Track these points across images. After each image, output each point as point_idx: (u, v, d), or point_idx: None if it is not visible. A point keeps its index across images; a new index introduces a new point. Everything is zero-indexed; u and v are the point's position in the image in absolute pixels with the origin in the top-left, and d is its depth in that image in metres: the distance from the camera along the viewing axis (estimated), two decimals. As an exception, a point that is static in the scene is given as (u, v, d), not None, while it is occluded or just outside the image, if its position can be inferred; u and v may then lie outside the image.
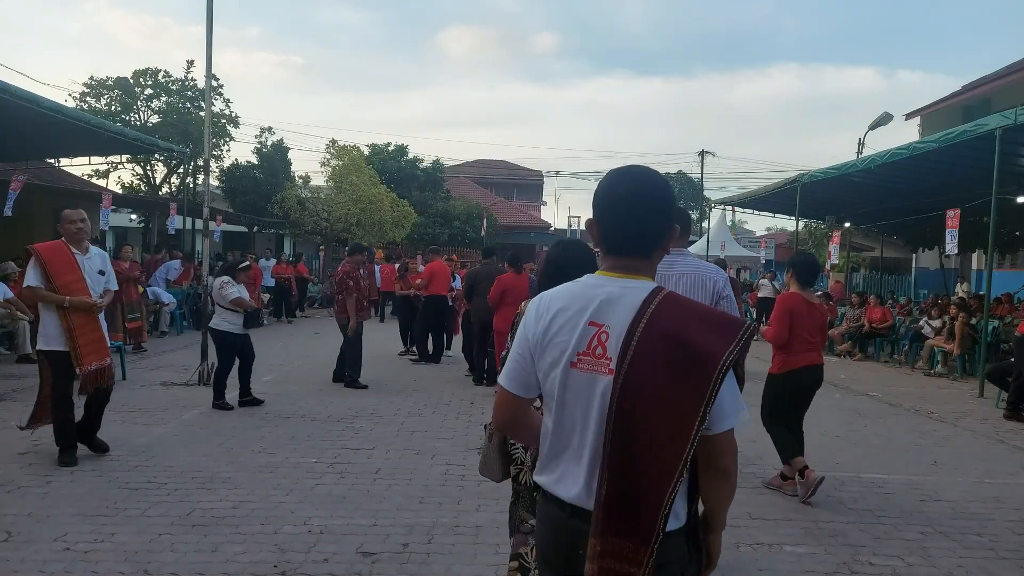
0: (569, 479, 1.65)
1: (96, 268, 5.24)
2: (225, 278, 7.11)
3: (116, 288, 5.56)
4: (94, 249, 5.34)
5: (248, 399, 7.10)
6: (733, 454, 1.61)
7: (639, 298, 1.61)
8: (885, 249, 23.65)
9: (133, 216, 24.18)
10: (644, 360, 1.54)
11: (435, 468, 5.24)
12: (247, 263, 7.72)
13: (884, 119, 24.84)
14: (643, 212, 1.67)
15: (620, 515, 1.54)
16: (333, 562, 3.59)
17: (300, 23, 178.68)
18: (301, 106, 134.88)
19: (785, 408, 4.89)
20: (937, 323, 12.27)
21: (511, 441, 2.56)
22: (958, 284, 21.17)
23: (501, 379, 1.79)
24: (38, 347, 5.08)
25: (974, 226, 14.97)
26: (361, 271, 8.55)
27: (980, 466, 5.94)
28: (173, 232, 15.45)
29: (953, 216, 10.08)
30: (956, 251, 10.78)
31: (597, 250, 1.82)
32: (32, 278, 4.92)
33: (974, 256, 21.58)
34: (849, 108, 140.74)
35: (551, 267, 2.58)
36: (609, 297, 1.63)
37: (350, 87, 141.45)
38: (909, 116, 25.44)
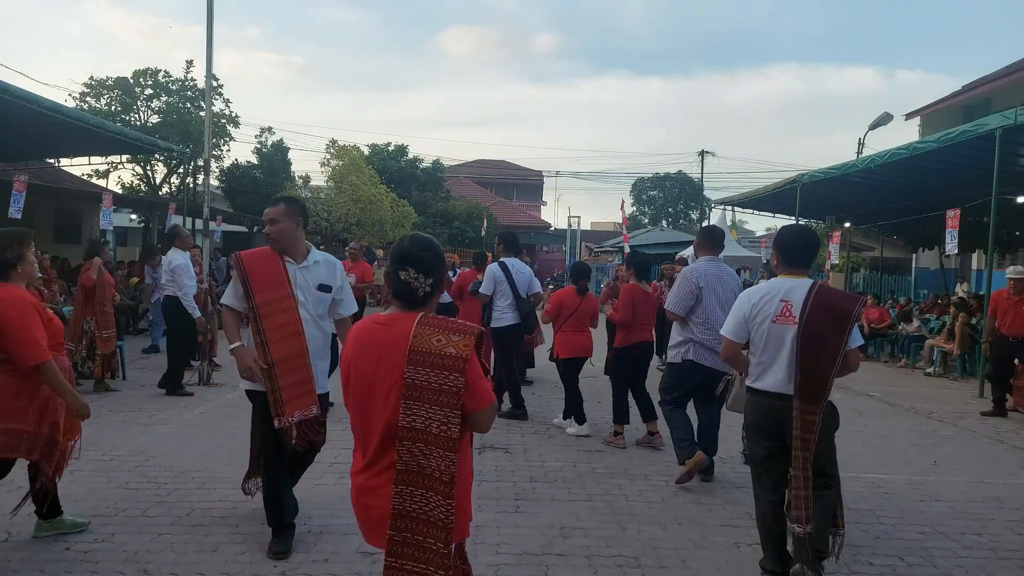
0: (773, 380, 3.43)
1: (316, 282, 3.79)
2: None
3: (352, 312, 4.03)
4: (319, 255, 3.89)
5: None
6: (857, 358, 3.43)
7: (807, 286, 3.41)
8: (885, 249, 23.65)
9: (133, 216, 24.17)
10: (814, 315, 3.32)
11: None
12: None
13: (884, 119, 24.84)
14: (811, 250, 3.60)
15: (808, 392, 3.31)
16: (333, 562, 3.59)
17: (300, 23, 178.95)
18: (301, 106, 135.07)
19: (628, 374, 6.10)
20: (912, 327, 12.31)
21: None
22: (958, 284, 21.16)
23: (726, 332, 3.60)
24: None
25: (974, 226, 14.98)
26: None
27: (980, 466, 5.94)
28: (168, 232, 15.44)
29: (953, 216, 10.08)
30: (956, 251, 10.78)
31: (774, 265, 3.69)
32: (228, 295, 3.79)
33: (974, 256, 21.58)
34: (848, 108, 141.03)
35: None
36: (792, 287, 3.45)
37: (350, 87, 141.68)
38: (909, 116, 25.44)
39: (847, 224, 19.18)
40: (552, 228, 39.73)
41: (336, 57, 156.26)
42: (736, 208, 22.30)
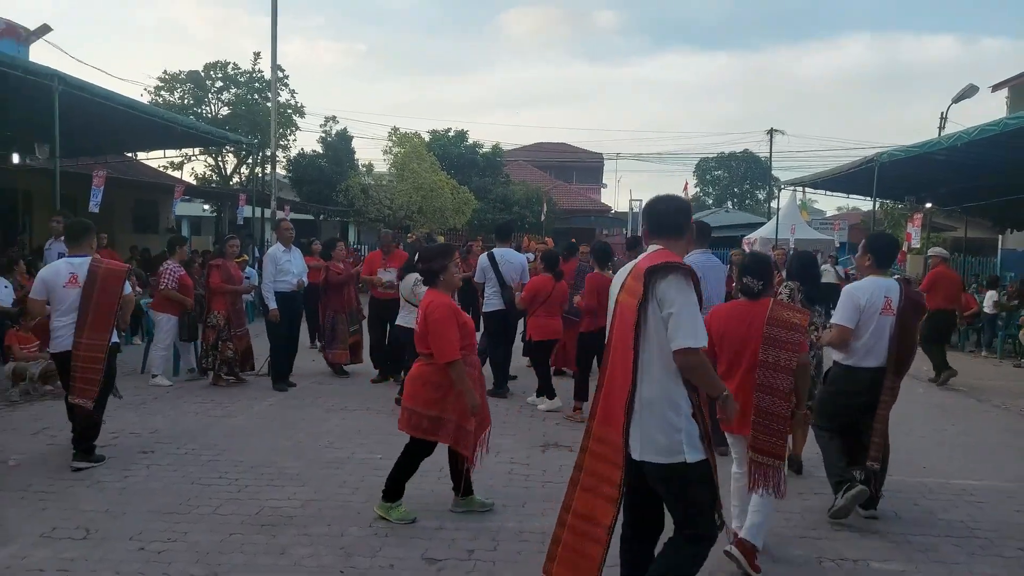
0: (873, 359, 4.23)
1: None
2: (417, 276, 7.06)
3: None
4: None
5: None
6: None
7: (898, 286, 4.28)
8: (968, 229, 22.33)
9: (206, 206, 24.99)
10: (904, 307, 4.20)
11: (499, 466, 5.18)
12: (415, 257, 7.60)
13: (969, 91, 23.26)
14: (896, 254, 4.88)
15: (899, 367, 4.26)
16: (399, 568, 3.57)
17: (362, 9, 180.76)
18: (365, 92, 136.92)
19: (592, 357, 6.49)
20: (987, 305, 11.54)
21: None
22: (1050, 266, 19.84)
23: (844, 321, 4.23)
24: None
25: None
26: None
27: (1084, 473, 5.50)
28: (242, 222, 15.87)
29: (1052, 197, 9.35)
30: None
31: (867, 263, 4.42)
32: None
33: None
34: (926, 79, 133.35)
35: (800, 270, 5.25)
36: (889, 286, 4.27)
37: (412, 71, 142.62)
38: (996, 88, 23.94)
39: (928, 204, 18.13)
40: (612, 211, 39.15)
41: (398, 42, 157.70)
42: (807, 189, 21.42)
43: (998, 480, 5.24)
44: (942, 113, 24.62)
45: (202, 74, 23.78)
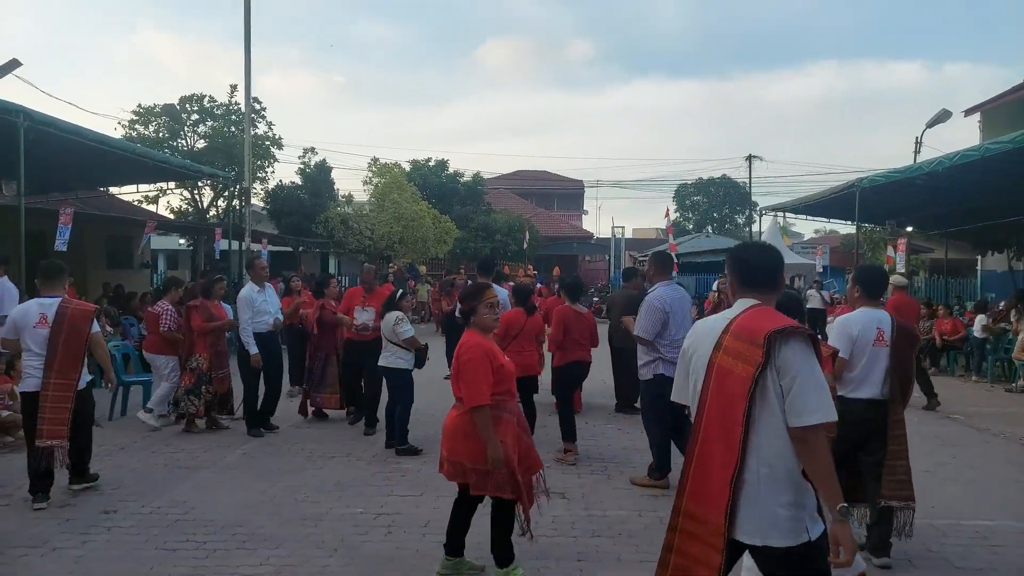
0: (867, 390, 4.24)
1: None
2: (399, 314, 6.64)
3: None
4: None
5: (407, 447, 6.50)
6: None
7: (889, 318, 4.32)
8: (946, 251, 22.46)
9: (181, 240, 24.54)
10: (896, 338, 4.24)
11: (484, 518, 4.84)
12: (399, 291, 7.09)
13: (943, 116, 23.60)
14: (885, 286, 4.81)
15: (900, 395, 4.26)
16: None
17: (339, 41, 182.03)
18: (343, 124, 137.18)
19: (571, 392, 6.61)
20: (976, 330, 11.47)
21: None
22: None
23: (844, 353, 4.23)
24: None
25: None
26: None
27: (1096, 508, 5.29)
28: (219, 256, 15.50)
29: (1036, 221, 9.31)
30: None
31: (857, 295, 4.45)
32: None
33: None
34: (893, 105, 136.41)
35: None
36: (881, 317, 4.31)
37: (390, 103, 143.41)
38: (968, 112, 24.29)
39: (908, 228, 18.22)
40: (594, 238, 39.19)
41: (375, 74, 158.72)
42: (787, 214, 21.47)
43: (1013, 520, 5.01)
44: (917, 138, 24.97)
45: (177, 107, 23.52)
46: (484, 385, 3.68)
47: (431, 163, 31.30)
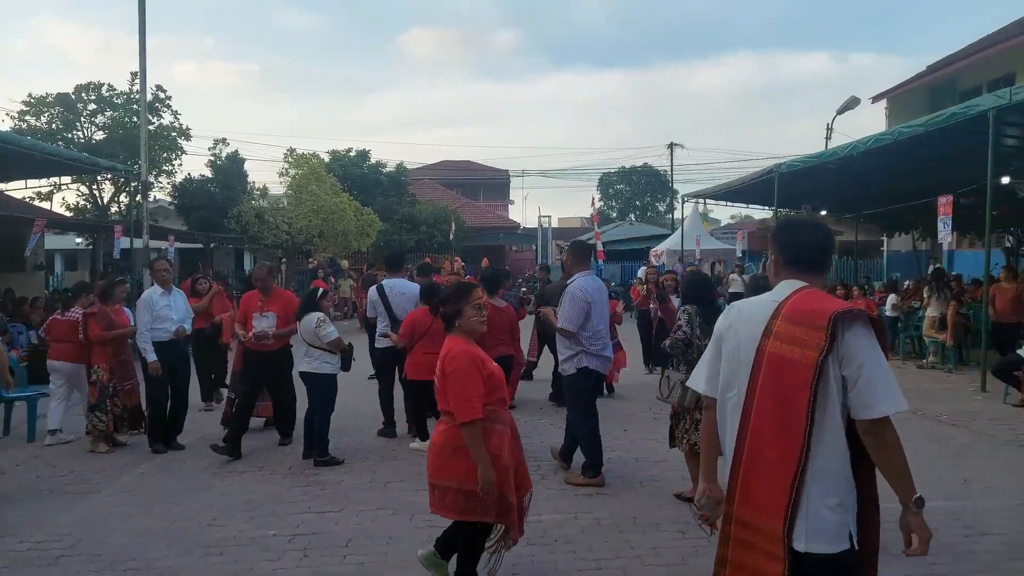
0: None
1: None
2: (320, 315, 6.08)
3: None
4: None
5: (328, 458, 6.01)
6: None
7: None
8: (851, 233, 23.36)
9: (79, 240, 22.90)
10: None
11: (417, 532, 4.52)
12: (318, 291, 6.56)
13: (852, 103, 24.63)
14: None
15: None
16: None
17: (255, 31, 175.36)
18: (259, 115, 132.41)
19: None
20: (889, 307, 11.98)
21: None
22: (930, 266, 21.05)
23: None
24: None
25: (954, 208, 14.79)
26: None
27: (1015, 482, 5.40)
28: (119, 255, 14.43)
29: (946, 203, 9.65)
30: (950, 239, 10.36)
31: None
32: None
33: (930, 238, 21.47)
34: (804, 93, 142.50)
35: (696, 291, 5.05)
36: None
37: (309, 94, 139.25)
38: (875, 99, 25.33)
39: (823, 212, 18.81)
40: (521, 228, 39.07)
41: (293, 64, 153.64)
42: (707, 200, 21.85)
43: (937, 499, 4.98)
44: (828, 124, 25.96)
45: (73, 96, 21.84)
46: (475, 397, 3.31)
47: (352, 154, 30.33)
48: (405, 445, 6.59)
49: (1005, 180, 12.21)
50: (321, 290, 6.67)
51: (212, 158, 22.97)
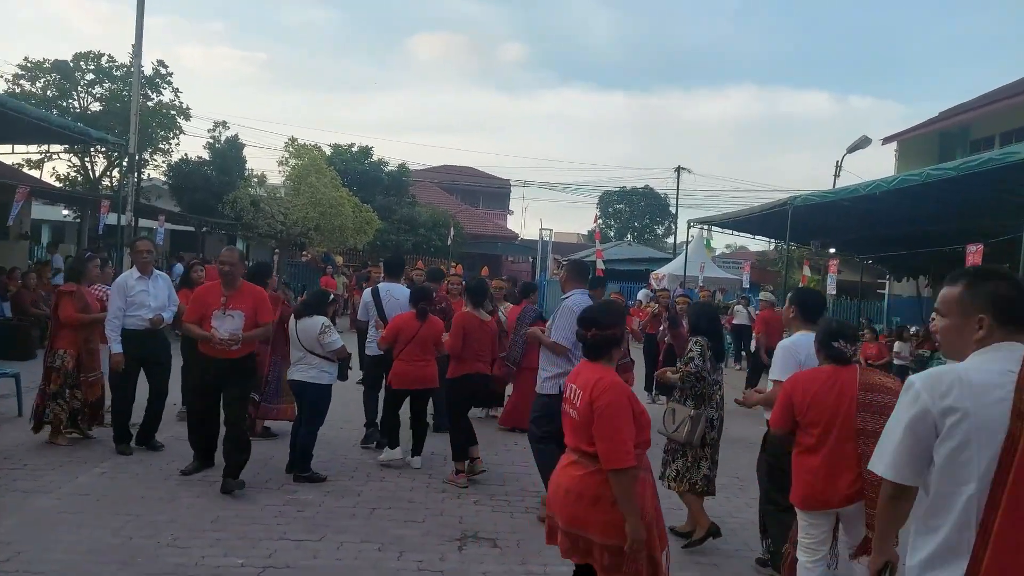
0: None
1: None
2: (325, 320, 5.49)
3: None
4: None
5: (310, 474, 5.46)
6: None
7: None
8: (850, 273, 23.00)
9: (66, 212, 22.20)
10: None
11: (403, 574, 3.97)
12: (330, 296, 6.05)
13: (863, 143, 24.46)
14: (821, 307, 4.32)
15: None
16: None
17: (265, 19, 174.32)
18: (263, 104, 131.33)
19: (464, 407, 5.78)
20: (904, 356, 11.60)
21: None
22: (934, 314, 20.78)
23: (784, 379, 3.79)
24: None
25: (953, 257, 14.62)
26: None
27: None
28: (102, 231, 13.80)
29: (976, 251, 9.24)
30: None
31: None
32: None
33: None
34: (803, 130, 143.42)
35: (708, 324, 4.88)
36: None
37: (314, 87, 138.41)
38: (886, 141, 25.29)
39: (832, 250, 18.45)
40: (519, 239, 38.60)
41: (301, 56, 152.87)
42: (714, 228, 21.46)
43: None
44: (837, 162, 25.92)
45: (71, 64, 21.21)
46: (629, 440, 2.81)
47: (354, 149, 29.79)
48: (395, 465, 6.03)
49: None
50: (332, 295, 6.16)
51: (211, 140, 22.39)
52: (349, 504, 4.99)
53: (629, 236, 52.17)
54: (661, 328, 9.70)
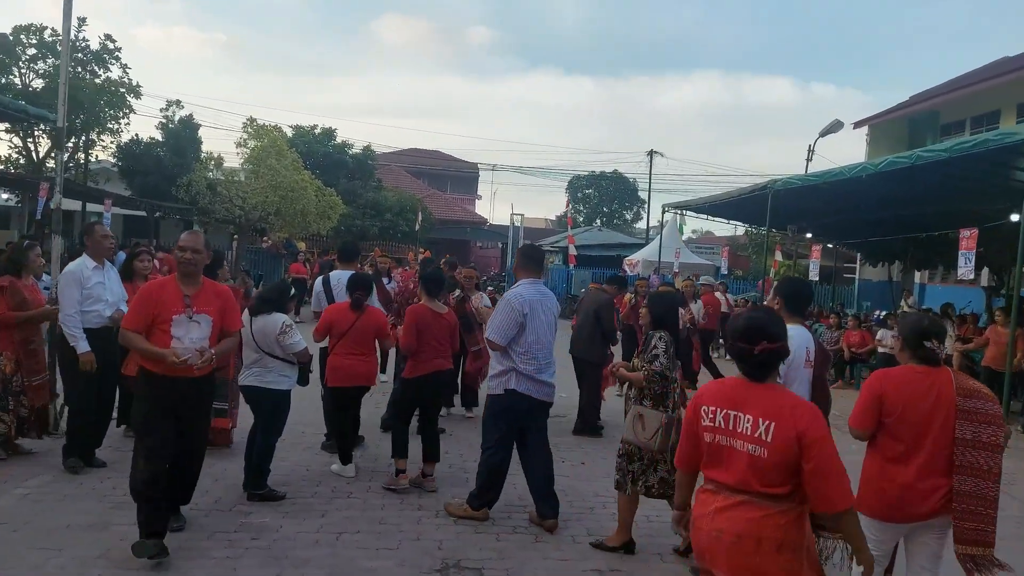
0: None
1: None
2: (286, 319, 4.83)
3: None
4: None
5: (266, 491, 4.83)
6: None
7: (810, 335, 3.85)
8: (822, 258, 22.88)
9: (5, 196, 20.89)
10: (818, 358, 3.85)
11: None
12: (291, 290, 5.43)
13: (835, 127, 24.43)
14: (808, 300, 4.02)
15: None
16: None
17: (223, 0, 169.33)
18: (222, 86, 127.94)
19: (414, 408, 5.30)
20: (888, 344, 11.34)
21: None
22: (903, 298, 20.77)
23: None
24: None
25: (932, 242, 14.51)
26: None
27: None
28: (39, 216, 12.82)
29: (969, 236, 8.91)
30: (972, 275, 9.66)
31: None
32: None
33: (916, 270, 21.29)
34: (767, 116, 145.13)
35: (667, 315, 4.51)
36: (808, 336, 3.80)
37: (276, 69, 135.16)
38: (857, 125, 25.36)
39: (808, 235, 18.22)
40: (488, 224, 37.95)
41: (262, 38, 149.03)
42: (688, 213, 21.08)
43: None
44: (810, 146, 25.85)
45: (10, 38, 19.83)
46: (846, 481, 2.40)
47: (317, 131, 28.71)
48: (362, 474, 5.42)
49: (1014, 217, 11.65)
50: (292, 289, 5.51)
51: (164, 120, 21.21)
52: (311, 529, 4.36)
53: (598, 221, 51.87)
54: (642, 321, 9.22)
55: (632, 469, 4.20)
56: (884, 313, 19.03)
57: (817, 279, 14.63)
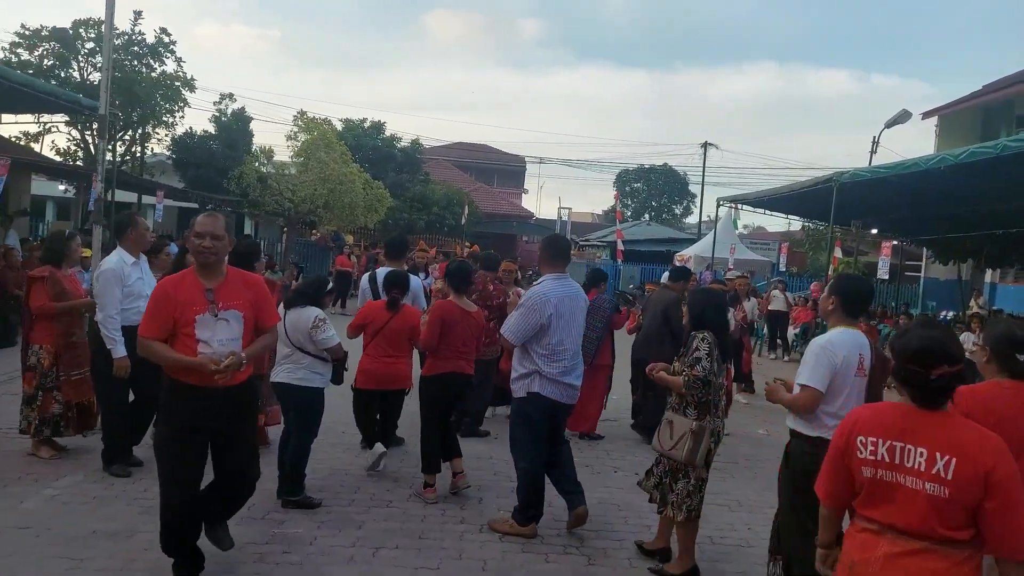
0: None
1: None
2: (321, 313, 4.59)
3: None
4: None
5: (300, 498, 4.57)
6: None
7: (867, 340, 3.43)
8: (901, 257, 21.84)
9: (61, 187, 21.41)
10: (874, 365, 3.38)
11: None
12: (328, 284, 5.16)
13: (902, 117, 23.07)
14: (867, 301, 3.58)
15: None
16: None
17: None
18: (275, 81, 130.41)
19: (439, 411, 4.93)
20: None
21: None
22: (973, 298, 19.62)
23: (815, 384, 3.24)
24: None
25: (1009, 239, 13.56)
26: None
27: None
28: (92, 207, 12.93)
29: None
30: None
31: None
32: None
33: (989, 269, 20.14)
34: (824, 108, 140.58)
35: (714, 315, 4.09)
36: (863, 342, 3.37)
37: (327, 64, 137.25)
38: (926, 115, 24.04)
39: (874, 231, 17.30)
40: (534, 218, 37.52)
41: (315, 33, 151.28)
42: (744, 207, 20.27)
43: None
44: (874, 138, 24.56)
45: (70, 32, 20.24)
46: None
47: (366, 124, 28.72)
48: (402, 481, 5.13)
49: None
50: (330, 283, 5.27)
51: (217, 113, 21.43)
52: (347, 542, 4.07)
53: (647, 215, 50.96)
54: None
55: (678, 491, 3.79)
56: (952, 314, 18.04)
57: (887, 277, 13.81)
